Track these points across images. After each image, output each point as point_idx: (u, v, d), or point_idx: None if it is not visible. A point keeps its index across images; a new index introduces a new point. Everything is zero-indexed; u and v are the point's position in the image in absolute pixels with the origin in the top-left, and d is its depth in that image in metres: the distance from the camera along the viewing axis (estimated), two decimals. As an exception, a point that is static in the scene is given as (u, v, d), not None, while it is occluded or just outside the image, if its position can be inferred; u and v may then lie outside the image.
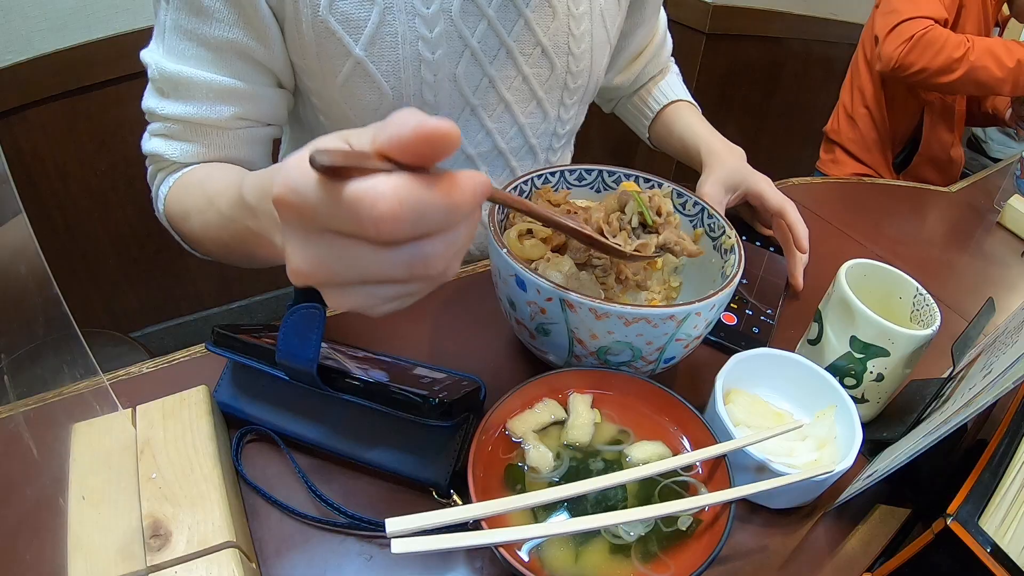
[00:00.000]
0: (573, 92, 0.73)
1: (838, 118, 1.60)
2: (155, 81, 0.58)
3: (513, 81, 0.67)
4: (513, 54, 0.65)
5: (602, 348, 0.49)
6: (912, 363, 0.53)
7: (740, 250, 0.53)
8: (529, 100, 0.70)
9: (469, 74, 0.64)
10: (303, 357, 0.44)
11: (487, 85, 0.66)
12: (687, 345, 0.51)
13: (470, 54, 0.63)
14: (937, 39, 1.25)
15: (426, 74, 0.62)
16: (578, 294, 0.46)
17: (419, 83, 0.62)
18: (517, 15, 0.64)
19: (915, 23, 1.27)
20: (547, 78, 0.69)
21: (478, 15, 0.62)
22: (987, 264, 0.92)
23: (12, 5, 1.21)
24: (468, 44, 0.63)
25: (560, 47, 0.68)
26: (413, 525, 0.35)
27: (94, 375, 0.48)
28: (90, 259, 1.57)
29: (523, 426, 0.46)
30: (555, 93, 0.71)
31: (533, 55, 0.67)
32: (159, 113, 0.58)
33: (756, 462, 0.46)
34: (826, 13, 2.08)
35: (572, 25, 0.67)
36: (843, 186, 1.05)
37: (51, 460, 0.44)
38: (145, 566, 0.37)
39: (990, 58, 1.25)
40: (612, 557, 0.40)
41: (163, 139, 0.60)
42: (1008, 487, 0.38)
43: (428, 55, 0.61)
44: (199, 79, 0.56)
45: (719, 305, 0.49)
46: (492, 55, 0.65)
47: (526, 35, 0.65)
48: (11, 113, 1.30)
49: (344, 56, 0.59)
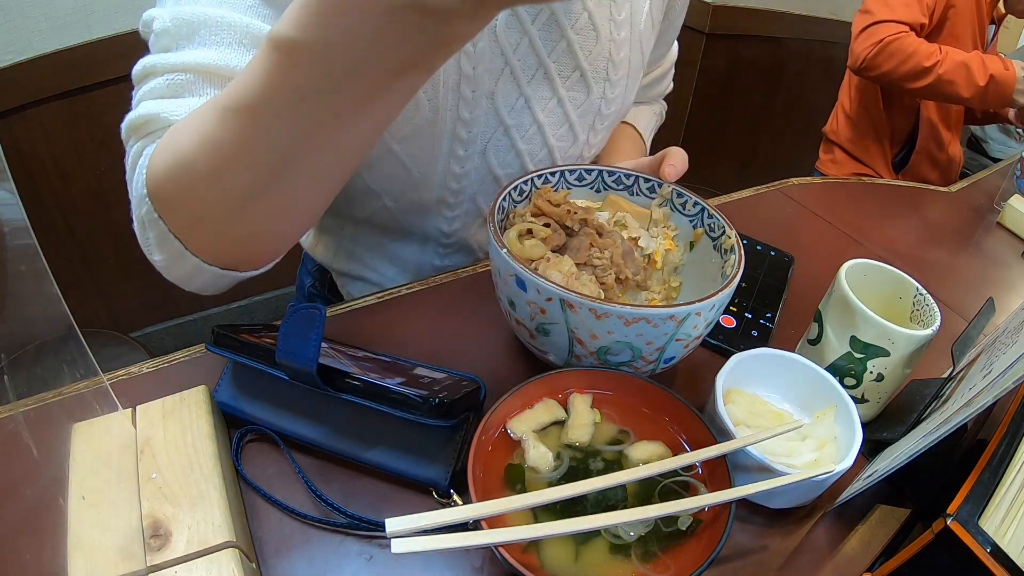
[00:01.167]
0: (605, 118, 0.71)
1: (836, 118, 1.60)
2: (161, 36, 0.46)
3: (548, 103, 0.65)
4: (551, 75, 0.64)
5: (602, 348, 0.49)
6: (912, 363, 0.53)
7: (740, 250, 0.53)
8: (562, 123, 0.68)
9: (506, 92, 0.62)
10: (303, 357, 0.44)
11: (523, 105, 0.64)
12: (687, 345, 0.51)
13: (509, 72, 0.61)
14: (907, 47, 1.26)
15: (464, 90, 0.60)
16: (578, 294, 0.46)
17: (457, 98, 0.60)
18: (560, 36, 0.62)
19: (887, 27, 1.28)
20: (582, 103, 0.67)
21: (521, 32, 0.60)
22: (987, 264, 0.92)
23: (12, 5, 1.21)
24: (508, 61, 0.61)
25: (599, 73, 0.66)
26: (413, 525, 0.35)
27: (94, 375, 0.48)
28: (90, 259, 1.57)
29: (523, 426, 0.46)
30: (587, 118, 0.69)
31: (571, 78, 0.65)
32: (162, 65, 0.45)
33: (756, 462, 0.46)
34: (826, 13, 2.08)
35: (613, 51, 0.66)
36: (843, 186, 1.05)
37: (51, 460, 0.44)
38: (145, 566, 0.37)
39: (961, 73, 1.26)
40: (612, 557, 0.40)
41: (161, 99, 0.45)
42: (1008, 487, 0.38)
43: (468, 70, 0.59)
44: (232, 19, 0.45)
45: (719, 305, 0.49)
46: (530, 75, 0.63)
47: (566, 58, 0.63)
48: (11, 113, 1.30)
49: None
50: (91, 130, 1.39)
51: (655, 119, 0.92)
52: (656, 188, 0.62)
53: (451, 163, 0.65)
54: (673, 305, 0.46)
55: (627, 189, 0.63)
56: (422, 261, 0.77)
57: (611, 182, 0.62)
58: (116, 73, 1.33)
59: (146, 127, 0.46)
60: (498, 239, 0.50)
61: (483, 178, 0.68)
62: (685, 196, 0.61)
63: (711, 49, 2.05)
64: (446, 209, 0.71)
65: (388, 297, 0.65)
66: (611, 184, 0.62)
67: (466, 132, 0.63)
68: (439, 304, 0.65)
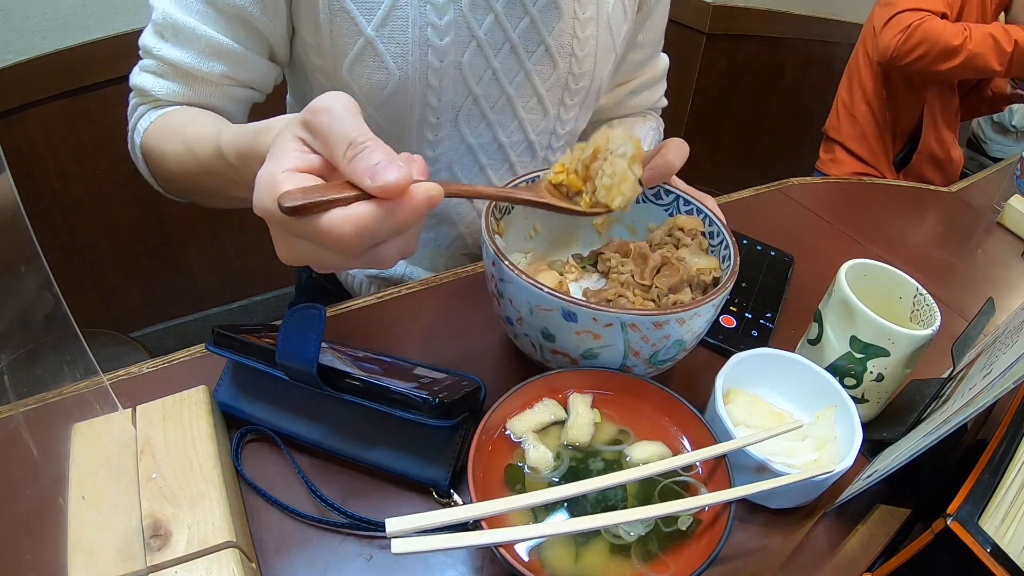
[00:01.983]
0: (574, 93, 0.74)
1: (838, 115, 1.60)
2: (157, 24, 0.60)
3: (516, 76, 0.69)
4: (517, 50, 0.67)
5: (654, 354, 0.49)
6: (912, 363, 0.53)
7: (735, 257, 0.53)
8: (530, 96, 0.71)
9: (474, 64, 0.66)
10: (303, 357, 0.44)
11: (491, 77, 0.68)
12: (675, 353, 0.51)
13: (476, 45, 0.65)
14: (934, 28, 1.28)
15: (432, 60, 0.64)
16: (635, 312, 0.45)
17: (425, 67, 0.64)
18: (524, 13, 0.65)
19: (911, 14, 1.30)
20: (548, 76, 0.70)
21: (486, 8, 0.64)
22: (987, 264, 0.92)
23: (12, 5, 1.21)
24: (475, 35, 0.64)
25: (564, 48, 0.69)
26: (413, 525, 0.35)
27: (94, 375, 0.48)
28: (90, 259, 1.57)
29: (523, 426, 0.46)
30: (556, 92, 0.72)
31: (536, 53, 0.68)
32: (155, 52, 0.61)
33: (756, 462, 0.46)
34: (826, 13, 2.08)
35: (577, 28, 0.69)
36: (843, 186, 1.05)
37: (51, 460, 0.43)
38: (145, 566, 0.37)
39: (989, 44, 1.28)
40: (612, 557, 0.40)
41: (153, 76, 0.62)
42: (1008, 487, 0.38)
43: (436, 41, 0.63)
44: (200, 33, 0.59)
45: (705, 315, 0.49)
46: (497, 48, 0.66)
47: (531, 33, 0.67)
48: (11, 113, 1.30)
49: (355, 35, 0.61)
50: (91, 130, 1.39)
51: (652, 133, 0.92)
52: (662, 195, 0.61)
53: (424, 130, 0.69)
54: (656, 312, 0.46)
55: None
56: None
57: None
58: (116, 73, 1.32)
59: (142, 95, 0.64)
60: (526, 276, 0.47)
61: (457, 147, 0.72)
62: (691, 204, 0.60)
63: (711, 49, 2.05)
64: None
65: (388, 297, 0.65)
66: None
67: (436, 100, 0.66)
68: (439, 304, 0.65)
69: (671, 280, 0.54)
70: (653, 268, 0.56)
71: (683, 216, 0.60)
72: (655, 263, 0.56)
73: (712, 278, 0.56)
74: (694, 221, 0.59)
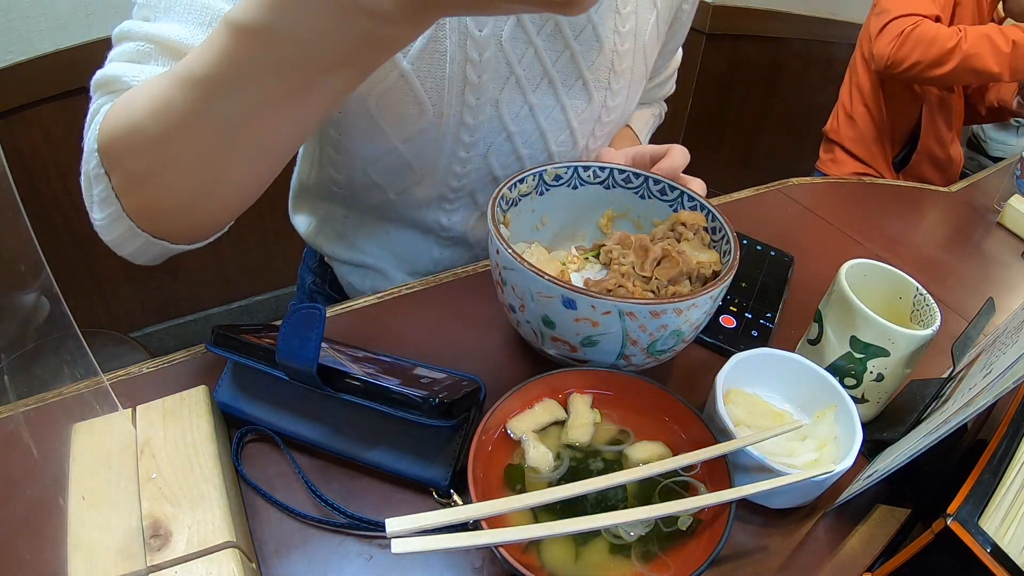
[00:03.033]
0: (605, 125, 0.72)
1: (837, 118, 1.60)
2: (143, 7, 0.48)
3: (551, 111, 0.67)
4: (555, 84, 0.65)
5: (652, 344, 0.49)
6: (912, 363, 0.53)
7: (735, 251, 0.53)
8: (563, 130, 0.69)
9: (511, 100, 0.63)
10: (303, 357, 0.44)
11: (527, 114, 0.65)
12: (674, 345, 0.51)
13: (515, 81, 0.62)
14: (927, 32, 1.27)
15: (469, 97, 0.61)
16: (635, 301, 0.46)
17: (461, 104, 0.61)
18: (564, 46, 0.63)
19: (904, 20, 1.29)
20: (583, 110, 0.68)
21: (526, 42, 0.61)
22: (987, 264, 0.92)
23: (12, 5, 1.21)
24: (514, 71, 0.62)
25: (600, 82, 0.67)
26: (413, 525, 0.35)
27: (94, 375, 0.48)
28: (90, 259, 1.57)
29: (523, 426, 0.46)
30: (588, 125, 0.71)
31: (574, 87, 0.66)
32: (138, 32, 0.47)
33: (756, 462, 0.46)
34: (826, 13, 2.08)
35: (616, 61, 0.66)
36: (843, 186, 1.05)
37: (51, 460, 0.44)
38: (145, 566, 0.37)
39: (985, 45, 1.26)
40: (612, 557, 0.40)
41: (127, 63, 0.47)
42: (1008, 487, 0.38)
43: (474, 78, 0.60)
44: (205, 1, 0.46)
45: (703, 306, 0.49)
46: (535, 84, 0.64)
47: (570, 67, 0.64)
48: (11, 113, 1.30)
49: (389, 68, 0.57)
50: (91, 130, 1.39)
51: (653, 120, 0.93)
52: (667, 191, 0.62)
53: (453, 164, 0.66)
54: (655, 301, 0.47)
55: (635, 190, 0.63)
56: (421, 251, 0.78)
57: (620, 180, 0.63)
58: (116, 73, 1.33)
59: (108, 86, 0.47)
60: (527, 264, 0.48)
61: (483, 178, 0.70)
62: (695, 200, 0.60)
63: (711, 49, 2.05)
64: (445, 203, 0.72)
65: (388, 297, 0.65)
66: (620, 182, 0.63)
67: (469, 137, 0.64)
68: (439, 304, 0.65)
69: (671, 272, 0.55)
70: (654, 260, 0.56)
71: (686, 211, 0.60)
72: (656, 255, 0.57)
73: (712, 272, 0.56)
74: (696, 216, 0.59)
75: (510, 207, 0.58)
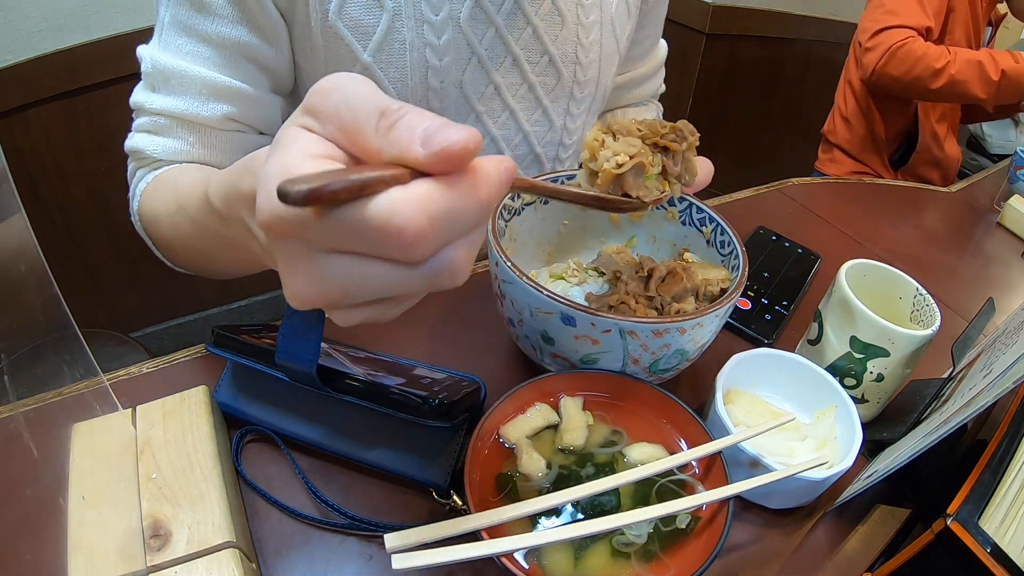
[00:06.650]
0: (579, 102, 0.72)
1: (834, 120, 1.60)
2: (148, 76, 0.56)
3: (519, 89, 0.67)
4: (520, 62, 0.65)
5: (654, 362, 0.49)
6: (912, 363, 0.53)
7: (744, 267, 0.53)
8: (535, 108, 0.69)
9: (475, 80, 0.64)
10: (303, 358, 0.44)
11: (492, 92, 0.66)
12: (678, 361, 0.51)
13: (476, 61, 0.63)
14: (915, 51, 1.25)
15: (432, 81, 0.61)
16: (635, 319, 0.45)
17: (425, 89, 0.62)
18: (526, 23, 0.63)
19: (894, 33, 1.27)
20: (553, 87, 0.69)
21: (486, 22, 0.62)
22: (987, 264, 0.92)
23: (12, 5, 1.21)
24: (475, 51, 0.62)
25: (568, 56, 0.67)
26: (412, 540, 0.34)
27: (94, 375, 0.48)
28: (90, 259, 1.57)
29: (516, 432, 0.46)
30: (561, 102, 0.71)
31: (540, 63, 0.66)
32: (147, 107, 0.56)
33: (750, 457, 0.46)
34: (826, 13, 2.08)
35: (581, 34, 0.67)
36: (843, 186, 1.05)
37: (51, 460, 0.43)
38: (145, 566, 0.37)
39: (973, 71, 1.25)
40: (612, 559, 0.40)
41: (147, 135, 0.57)
42: (1008, 487, 0.38)
43: (435, 62, 0.61)
44: (193, 74, 0.54)
45: (709, 325, 0.49)
46: (499, 62, 0.64)
47: (534, 44, 0.65)
48: (11, 113, 1.29)
49: (352, 62, 0.58)
50: (91, 130, 1.39)
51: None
52: (674, 201, 0.61)
53: None
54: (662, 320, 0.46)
55: None
56: None
57: None
58: (116, 73, 1.32)
59: (136, 156, 0.59)
60: (527, 279, 0.47)
61: None
62: (704, 212, 0.60)
63: (711, 49, 2.05)
64: None
65: (388, 297, 0.65)
66: None
67: None
68: (439, 305, 0.65)
69: (675, 288, 0.54)
70: (658, 279, 0.55)
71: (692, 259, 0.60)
72: (660, 274, 0.55)
73: (720, 289, 0.55)
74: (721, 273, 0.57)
75: (512, 216, 0.58)
